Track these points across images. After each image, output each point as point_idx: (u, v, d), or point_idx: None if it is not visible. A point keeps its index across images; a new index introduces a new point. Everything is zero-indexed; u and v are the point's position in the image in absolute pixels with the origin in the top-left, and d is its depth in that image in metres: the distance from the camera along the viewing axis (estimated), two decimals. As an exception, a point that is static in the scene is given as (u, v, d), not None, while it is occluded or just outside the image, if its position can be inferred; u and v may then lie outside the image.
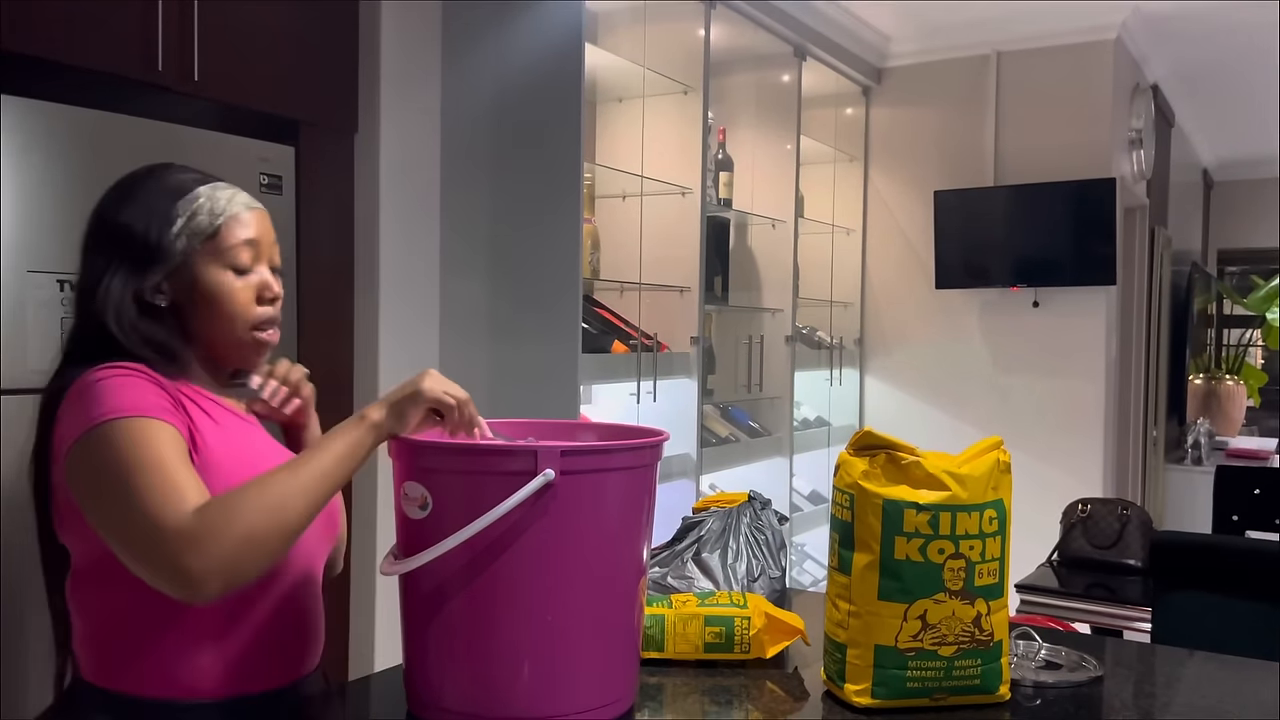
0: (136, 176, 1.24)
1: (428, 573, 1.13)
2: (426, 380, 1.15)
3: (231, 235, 1.22)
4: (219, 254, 1.21)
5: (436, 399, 1.15)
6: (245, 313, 1.22)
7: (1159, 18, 4.11)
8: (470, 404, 1.18)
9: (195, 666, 1.15)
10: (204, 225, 1.21)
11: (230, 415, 1.25)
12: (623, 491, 1.17)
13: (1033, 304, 4.18)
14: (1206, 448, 5.45)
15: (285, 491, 1.06)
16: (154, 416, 1.10)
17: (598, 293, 3.26)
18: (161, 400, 1.13)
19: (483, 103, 2.87)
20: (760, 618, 1.38)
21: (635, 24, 3.22)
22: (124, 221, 1.20)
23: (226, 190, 1.25)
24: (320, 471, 1.09)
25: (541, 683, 1.13)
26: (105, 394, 1.10)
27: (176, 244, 1.19)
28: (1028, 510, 1.93)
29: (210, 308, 1.21)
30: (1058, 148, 4.12)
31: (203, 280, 1.20)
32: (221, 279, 1.21)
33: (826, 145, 4.33)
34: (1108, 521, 2.90)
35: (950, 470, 1.22)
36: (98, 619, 1.17)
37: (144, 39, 2.15)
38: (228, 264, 1.21)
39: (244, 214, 1.24)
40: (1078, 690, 1.32)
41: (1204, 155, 6.79)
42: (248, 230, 1.23)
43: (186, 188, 1.22)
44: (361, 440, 1.12)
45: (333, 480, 1.10)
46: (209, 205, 1.21)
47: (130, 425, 1.08)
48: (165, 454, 1.07)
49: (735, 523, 1.67)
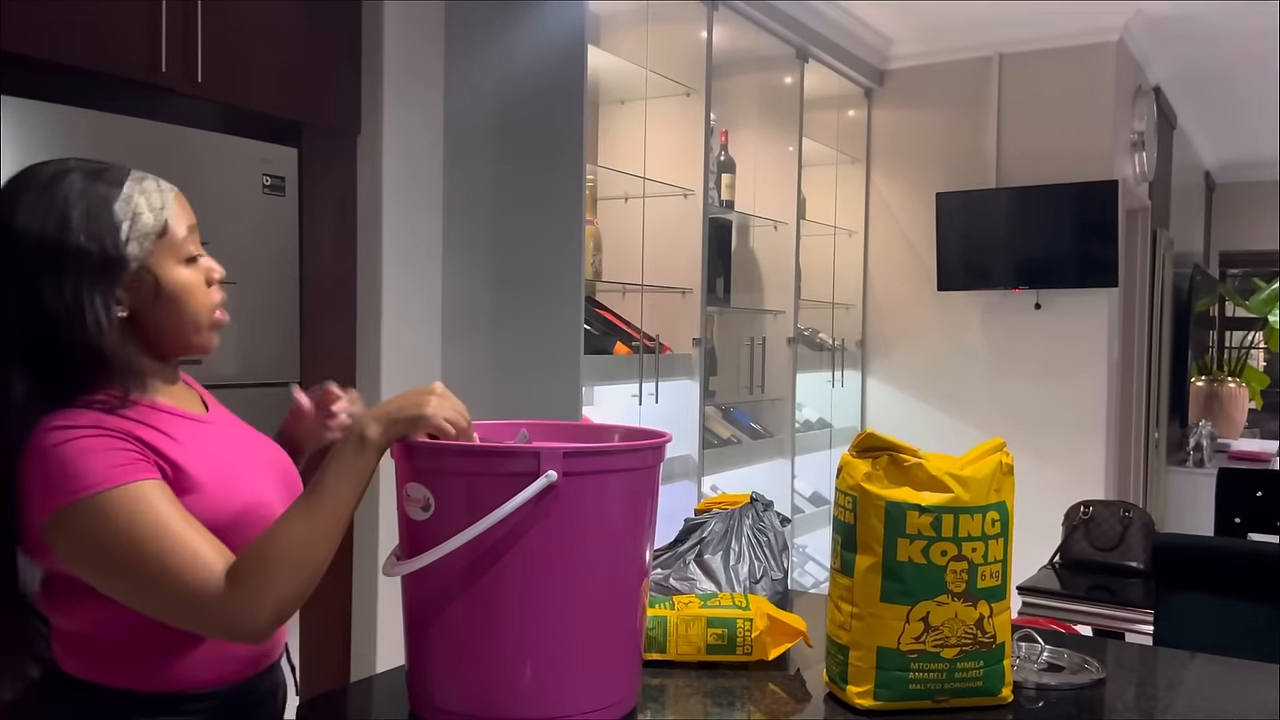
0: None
1: (430, 574, 1.13)
2: (431, 405, 1.12)
3: (177, 226, 1.16)
4: (173, 249, 1.16)
5: (438, 427, 1.12)
6: (207, 300, 1.19)
7: (1161, 20, 4.11)
8: (469, 431, 1.15)
9: (178, 661, 1.15)
10: (150, 224, 1.13)
11: (184, 423, 1.19)
12: (625, 493, 1.18)
13: (1035, 306, 4.17)
14: (1208, 450, 5.44)
15: (308, 540, 1.08)
16: (135, 480, 1.06)
17: (600, 294, 3.26)
18: (129, 453, 1.07)
19: (485, 104, 2.87)
20: (762, 619, 1.38)
21: (637, 26, 3.22)
22: (62, 228, 1.09)
23: (148, 180, 1.17)
24: (334, 513, 1.10)
25: (543, 683, 1.13)
26: (71, 464, 1.04)
27: (132, 249, 1.12)
28: (1029, 512, 1.93)
29: (173, 305, 1.16)
30: (1060, 150, 4.12)
31: (164, 280, 1.15)
32: (179, 274, 1.16)
33: (828, 147, 4.33)
34: (1110, 524, 2.90)
35: (953, 472, 1.22)
36: (80, 621, 1.15)
37: (147, 41, 2.15)
38: (181, 257, 1.16)
39: (177, 198, 1.18)
40: (1080, 692, 1.32)
41: (1206, 157, 6.78)
42: (187, 216, 1.19)
43: (119, 179, 1.15)
44: (365, 468, 1.12)
45: (345, 515, 1.11)
46: (144, 200, 1.14)
47: (115, 497, 1.04)
48: (164, 518, 1.05)
49: (737, 524, 1.67)
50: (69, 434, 1.06)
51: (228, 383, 2.28)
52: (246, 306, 2.34)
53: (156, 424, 1.14)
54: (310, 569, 1.08)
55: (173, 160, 2.19)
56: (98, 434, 1.07)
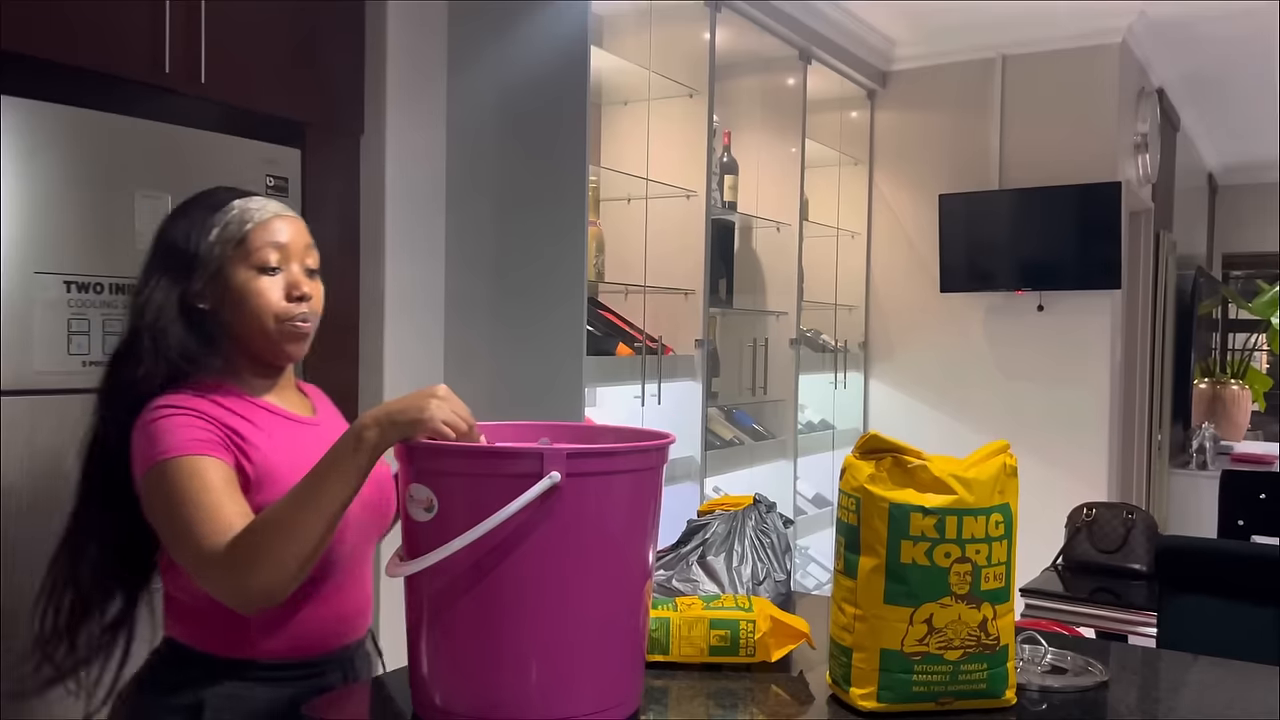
0: (190, 197, 1.39)
1: (433, 575, 1.13)
2: (430, 408, 1.15)
3: (258, 239, 1.33)
4: (247, 256, 1.32)
5: (436, 431, 1.15)
6: (274, 307, 1.33)
7: (1164, 22, 4.11)
8: (472, 432, 1.18)
9: (257, 631, 1.29)
10: (234, 232, 1.33)
11: (274, 418, 1.36)
12: (629, 494, 1.17)
13: (1037, 308, 4.17)
14: (1211, 452, 5.44)
15: (291, 528, 1.16)
16: (202, 454, 1.24)
17: (602, 295, 3.26)
18: (208, 434, 1.26)
19: (488, 105, 2.87)
20: (765, 621, 1.38)
21: (641, 27, 3.22)
22: (171, 235, 1.35)
23: (258, 201, 1.37)
24: (322, 507, 1.17)
25: (546, 685, 1.13)
26: (160, 434, 1.25)
27: (214, 251, 1.32)
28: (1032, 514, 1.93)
29: (241, 306, 1.32)
30: (1063, 151, 4.12)
31: (233, 281, 1.32)
32: (249, 279, 1.32)
33: (831, 148, 4.33)
34: (1113, 526, 2.90)
35: (956, 474, 1.21)
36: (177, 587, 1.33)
37: (151, 41, 2.15)
38: (254, 265, 1.32)
39: (272, 221, 1.35)
40: (1083, 695, 1.31)
41: (1209, 159, 6.78)
42: (274, 235, 1.34)
43: (224, 200, 1.35)
44: (359, 467, 1.17)
45: (334, 510, 1.18)
46: (239, 215, 1.33)
47: (177, 464, 1.22)
48: (207, 487, 1.21)
49: (740, 526, 1.67)
50: (163, 411, 1.26)
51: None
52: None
53: (248, 415, 1.32)
54: (294, 556, 1.16)
55: (176, 161, 2.19)
56: (185, 413, 1.26)
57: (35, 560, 1.94)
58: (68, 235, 2.00)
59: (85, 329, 2.02)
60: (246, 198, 1.37)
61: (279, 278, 1.34)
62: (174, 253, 1.33)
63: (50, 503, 1.97)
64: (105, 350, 2.06)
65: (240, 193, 1.38)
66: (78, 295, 2.01)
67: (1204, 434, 5.49)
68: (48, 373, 1.97)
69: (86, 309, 2.02)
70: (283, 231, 1.35)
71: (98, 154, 2.05)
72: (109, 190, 2.06)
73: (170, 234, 1.35)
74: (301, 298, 1.35)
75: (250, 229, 1.33)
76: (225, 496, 1.22)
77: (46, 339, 1.97)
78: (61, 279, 1.99)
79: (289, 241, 1.35)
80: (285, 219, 1.37)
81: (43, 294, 1.96)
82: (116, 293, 2.07)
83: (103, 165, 2.05)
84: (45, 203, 1.96)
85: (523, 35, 2.81)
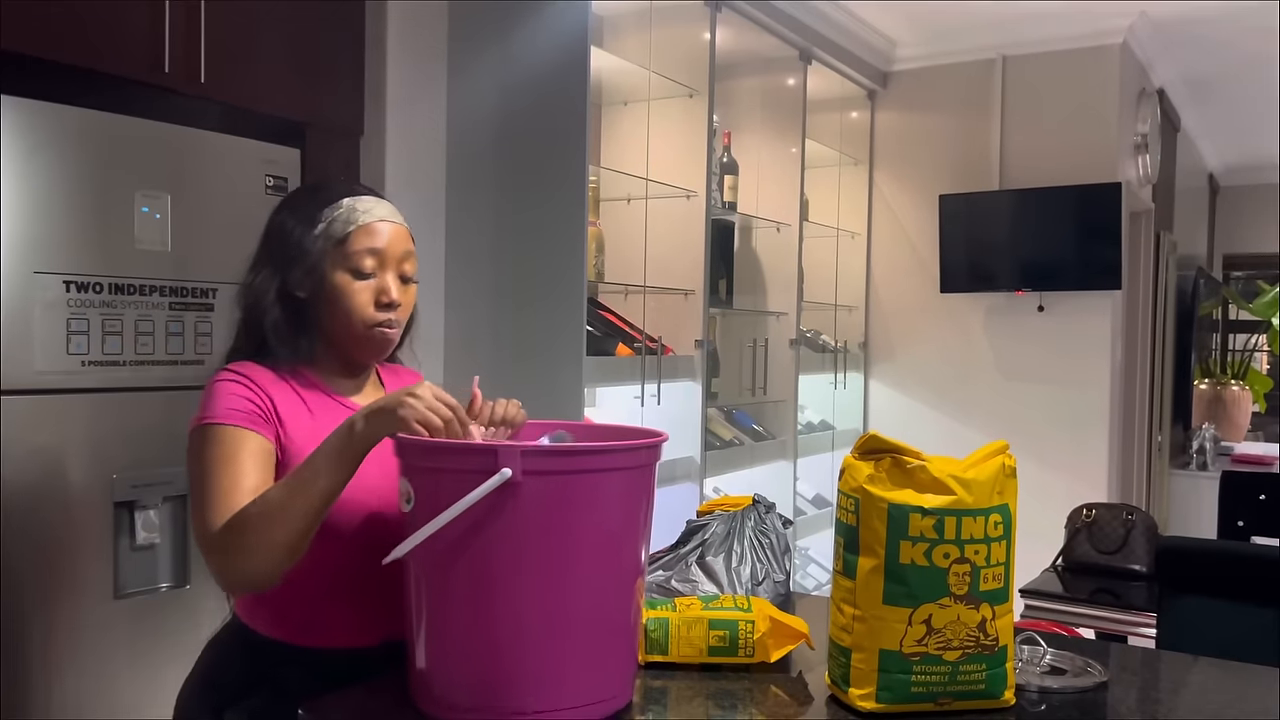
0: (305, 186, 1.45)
1: (416, 568, 1.18)
2: (405, 406, 1.18)
3: (357, 242, 1.36)
4: (345, 258, 1.36)
5: (408, 428, 1.17)
6: (361, 311, 1.36)
7: (1165, 22, 4.11)
8: (455, 420, 1.20)
9: (323, 620, 1.34)
10: (337, 231, 1.36)
11: (334, 404, 1.40)
12: (599, 492, 1.18)
13: (1038, 308, 4.17)
14: (1212, 453, 5.44)
15: (282, 510, 1.20)
16: (240, 425, 1.28)
17: (602, 295, 3.26)
18: (253, 406, 1.30)
19: (488, 106, 2.87)
20: (764, 621, 1.38)
21: (641, 27, 3.22)
22: (280, 224, 1.40)
23: (368, 202, 1.39)
24: (313, 490, 1.20)
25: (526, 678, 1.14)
26: (211, 398, 1.31)
27: (315, 245, 1.36)
28: (1032, 515, 1.93)
29: (332, 304, 1.36)
30: (1063, 152, 4.12)
31: (329, 279, 1.36)
32: (343, 280, 1.36)
33: (831, 149, 4.33)
34: (1112, 526, 2.89)
35: (955, 474, 1.21)
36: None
37: (151, 41, 2.15)
38: (350, 267, 1.36)
39: (376, 225, 1.38)
40: (1083, 696, 1.31)
41: (1210, 160, 6.77)
42: (374, 240, 1.37)
43: (334, 196, 1.39)
44: (352, 455, 1.21)
45: (325, 494, 1.21)
46: (346, 215, 1.37)
47: (214, 430, 1.28)
48: (229, 459, 1.26)
49: (739, 526, 1.66)
50: (225, 375, 1.33)
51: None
52: (249, 307, 2.34)
53: (309, 401, 1.38)
54: (282, 541, 1.19)
55: (175, 161, 2.19)
56: (241, 382, 1.32)
57: (34, 559, 1.95)
58: (67, 235, 2.00)
59: (85, 329, 2.02)
60: (357, 197, 1.40)
61: (372, 282, 1.37)
62: (280, 241, 1.38)
63: (50, 502, 1.98)
64: (105, 350, 2.06)
65: (354, 190, 1.42)
66: (77, 295, 2.01)
67: (1204, 435, 5.48)
68: (47, 373, 1.97)
69: (86, 309, 2.02)
70: (382, 237, 1.38)
71: (97, 154, 2.05)
72: (108, 190, 2.06)
73: (279, 222, 1.40)
74: (390, 305, 1.38)
75: (352, 231, 1.36)
76: (246, 470, 1.26)
77: (46, 339, 1.97)
78: (61, 279, 1.99)
79: (386, 247, 1.38)
80: (388, 224, 1.39)
81: (42, 294, 1.96)
82: (116, 293, 2.07)
83: (102, 165, 2.05)
84: (45, 202, 1.96)
85: (523, 35, 2.81)
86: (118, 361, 2.08)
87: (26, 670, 1.94)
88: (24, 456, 1.94)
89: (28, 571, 1.94)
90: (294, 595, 1.32)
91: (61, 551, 1.99)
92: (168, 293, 2.17)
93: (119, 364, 2.09)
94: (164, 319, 2.16)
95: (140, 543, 2.12)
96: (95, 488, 2.04)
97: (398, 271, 1.40)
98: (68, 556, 2.00)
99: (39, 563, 1.96)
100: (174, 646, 2.18)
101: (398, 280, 1.39)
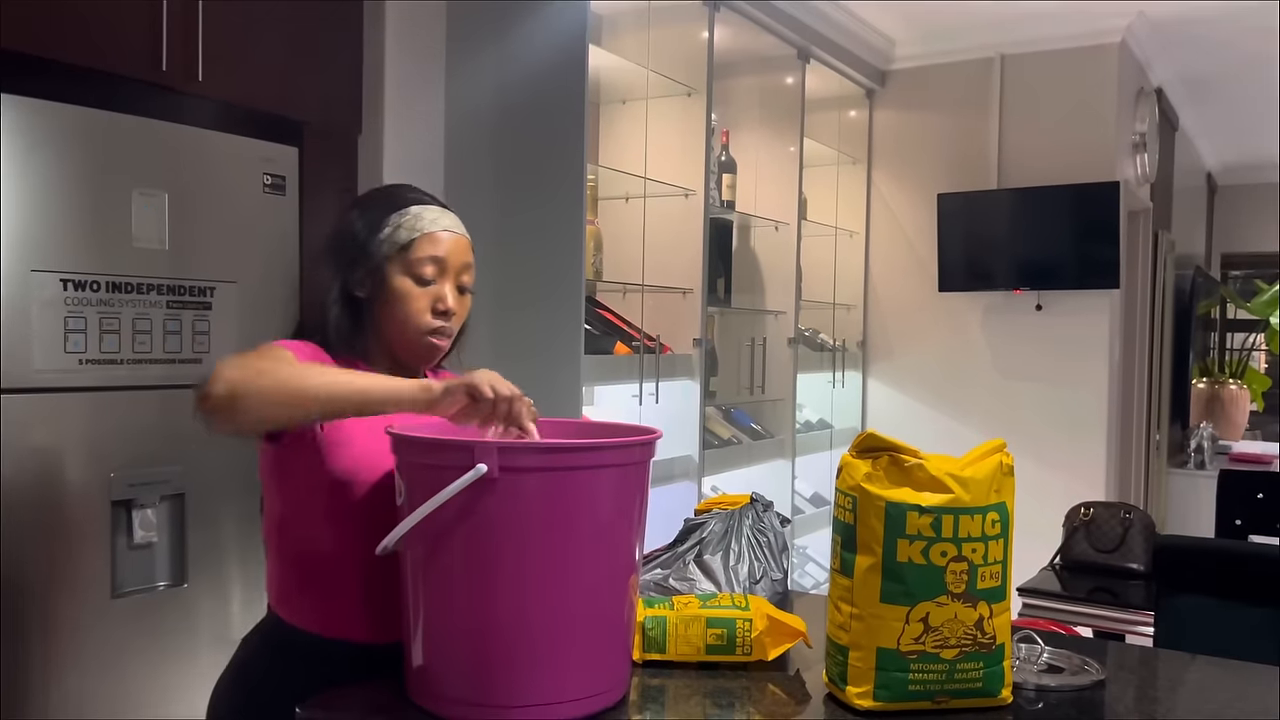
0: (375, 190, 1.51)
1: (410, 562, 1.20)
2: (477, 375, 1.23)
3: (420, 250, 1.40)
4: (406, 264, 1.40)
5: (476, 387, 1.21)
6: (417, 318, 1.40)
7: (1163, 21, 4.11)
8: (517, 402, 1.24)
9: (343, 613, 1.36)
10: (401, 237, 1.40)
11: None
12: (588, 489, 1.18)
13: (1036, 307, 4.17)
14: (1209, 452, 5.44)
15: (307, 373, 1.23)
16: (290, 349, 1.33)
17: (600, 294, 3.25)
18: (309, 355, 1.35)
19: (487, 104, 2.87)
20: (762, 620, 1.38)
21: (639, 26, 3.22)
22: (348, 225, 1.44)
23: (434, 212, 1.44)
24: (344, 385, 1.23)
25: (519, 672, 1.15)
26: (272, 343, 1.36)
27: (379, 248, 1.40)
28: (1030, 513, 1.93)
29: (391, 307, 1.40)
30: (1061, 151, 4.12)
31: (389, 282, 1.40)
32: (403, 284, 1.40)
33: (830, 148, 4.33)
34: (1110, 525, 2.90)
35: (953, 473, 1.21)
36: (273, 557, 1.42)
37: (148, 39, 2.15)
38: (411, 273, 1.40)
39: (439, 234, 1.42)
40: (1080, 694, 1.31)
41: (1208, 159, 6.78)
42: (437, 248, 1.41)
43: (402, 203, 1.43)
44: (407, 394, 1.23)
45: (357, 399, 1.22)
46: (412, 221, 1.41)
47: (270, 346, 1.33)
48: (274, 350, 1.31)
49: (737, 525, 1.67)
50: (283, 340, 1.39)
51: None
52: (246, 306, 2.34)
53: None
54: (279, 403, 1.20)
55: (173, 159, 2.19)
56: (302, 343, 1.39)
57: (32, 558, 1.95)
58: (64, 233, 2.00)
59: (82, 327, 2.02)
60: (424, 205, 1.44)
61: (430, 289, 1.41)
62: (346, 241, 1.42)
63: (47, 501, 1.98)
64: (102, 349, 2.06)
65: (420, 198, 1.46)
66: (74, 293, 2.01)
67: (1202, 434, 5.49)
68: (45, 371, 1.97)
69: (83, 307, 2.02)
70: (445, 246, 1.42)
71: (94, 152, 2.05)
72: (106, 188, 2.06)
73: (347, 223, 1.44)
74: (445, 312, 1.42)
75: (416, 238, 1.40)
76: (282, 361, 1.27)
77: (43, 337, 1.96)
78: (58, 277, 1.98)
79: (447, 256, 1.42)
80: (451, 235, 1.44)
81: (39, 292, 1.96)
82: (113, 291, 2.07)
83: (99, 163, 2.05)
84: (42, 200, 1.96)
85: (521, 34, 2.81)
86: (115, 360, 2.08)
87: (24, 669, 1.94)
88: (21, 455, 1.94)
89: (25, 570, 1.94)
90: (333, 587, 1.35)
91: (59, 550, 1.99)
92: (165, 291, 2.17)
93: (116, 362, 2.08)
94: (161, 317, 2.16)
95: (138, 541, 2.12)
96: (92, 486, 2.04)
97: (456, 281, 1.44)
98: (65, 555, 1.99)
99: (36, 561, 1.96)
100: (171, 645, 2.18)
101: (455, 289, 1.44)
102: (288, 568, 1.40)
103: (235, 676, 1.43)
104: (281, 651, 1.39)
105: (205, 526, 2.24)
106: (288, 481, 1.38)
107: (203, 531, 2.24)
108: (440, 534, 1.15)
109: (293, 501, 1.38)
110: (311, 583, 1.37)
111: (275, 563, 1.42)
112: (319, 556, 1.36)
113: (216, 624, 2.26)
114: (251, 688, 1.39)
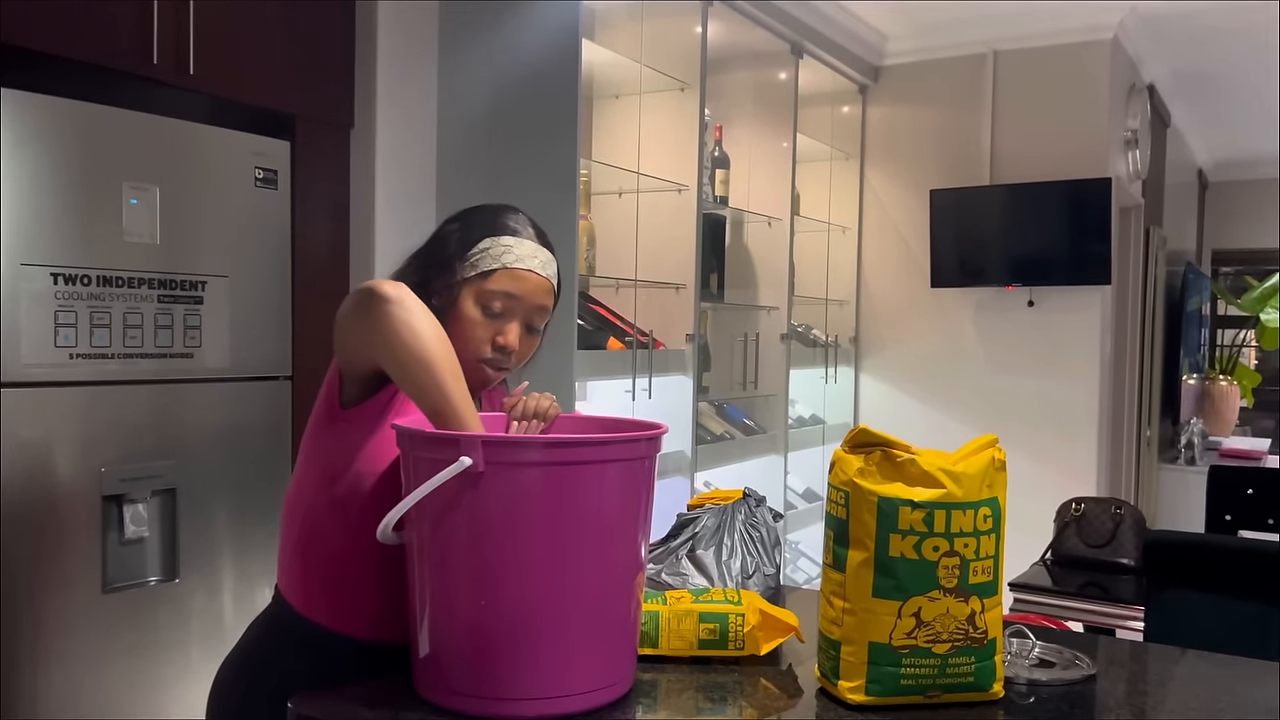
0: (485, 205, 1.50)
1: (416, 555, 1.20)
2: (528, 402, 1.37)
3: (498, 282, 1.39)
4: (480, 291, 1.39)
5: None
6: (477, 347, 1.39)
7: (1156, 18, 4.12)
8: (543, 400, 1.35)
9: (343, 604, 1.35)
10: (486, 263, 1.40)
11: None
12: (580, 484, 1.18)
13: (1028, 303, 4.18)
14: (1200, 447, 5.46)
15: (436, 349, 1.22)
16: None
17: (593, 289, 3.25)
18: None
19: (479, 98, 2.86)
20: (754, 615, 1.38)
21: (632, 21, 3.22)
22: (445, 232, 1.46)
23: (527, 247, 1.42)
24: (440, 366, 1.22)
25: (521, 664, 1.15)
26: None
27: (463, 266, 1.40)
28: (1021, 508, 1.93)
29: (454, 325, 1.38)
30: (1053, 147, 4.13)
31: (461, 302, 1.39)
32: (471, 310, 1.39)
33: (823, 143, 4.33)
34: (1101, 520, 2.91)
35: (945, 468, 1.21)
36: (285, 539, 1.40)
37: (139, 32, 2.14)
38: (481, 302, 1.39)
39: (520, 271, 1.40)
40: (1071, 688, 1.32)
41: (1199, 155, 6.80)
42: (515, 285, 1.40)
43: (501, 230, 1.43)
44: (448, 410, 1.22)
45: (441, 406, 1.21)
46: (499, 252, 1.40)
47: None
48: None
49: (730, 520, 1.67)
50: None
51: (219, 376, 2.28)
52: (238, 300, 2.33)
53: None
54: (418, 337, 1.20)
55: (164, 152, 2.18)
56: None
57: (22, 553, 1.94)
58: (54, 227, 1.99)
59: (72, 321, 2.01)
60: (521, 239, 1.43)
61: (496, 323, 1.40)
62: (437, 249, 1.43)
63: (38, 496, 1.97)
64: (93, 343, 2.05)
65: (521, 230, 1.45)
66: (64, 287, 2.00)
67: (1192, 429, 5.51)
68: (36, 365, 1.96)
69: (73, 301, 2.01)
70: (523, 284, 1.40)
71: (85, 145, 2.04)
72: (96, 182, 2.05)
73: (446, 232, 1.45)
74: (503, 349, 1.41)
75: (497, 270, 1.39)
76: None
77: (33, 331, 1.96)
78: (48, 271, 1.98)
79: (522, 295, 1.40)
80: (534, 275, 1.41)
81: (29, 286, 1.95)
82: (104, 285, 2.06)
83: (90, 156, 2.04)
84: (31, 194, 1.95)
85: (514, 28, 2.80)
86: (106, 354, 2.07)
87: (15, 664, 1.93)
88: (11, 450, 1.93)
89: (16, 565, 1.94)
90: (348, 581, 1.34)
91: (49, 545, 1.98)
92: (156, 285, 2.16)
93: (107, 357, 2.08)
94: (152, 311, 2.15)
95: (129, 536, 2.11)
96: (83, 481, 2.03)
97: (526, 320, 1.43)
98: (56, 550, 1.99)
99: (27, 556, 1.95)
100: (163, 640, 2.17)
101: (522, 328, 1.42)
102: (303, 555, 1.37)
103: (238, 663, 1.42)
104: (285, 640, 1.38)
105: (197, 521, 2.24)
106: (336, 457, 1.34)
107: (194, 526, 2.23)
108: (440, 526, 1.15)
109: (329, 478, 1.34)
110: (325, 573, 1.35)
111: (291, 549, 1.39)
112: (338, 548, 1.34)
113: (208, 619, 2.26)
114: (252, 678, 1.39)
